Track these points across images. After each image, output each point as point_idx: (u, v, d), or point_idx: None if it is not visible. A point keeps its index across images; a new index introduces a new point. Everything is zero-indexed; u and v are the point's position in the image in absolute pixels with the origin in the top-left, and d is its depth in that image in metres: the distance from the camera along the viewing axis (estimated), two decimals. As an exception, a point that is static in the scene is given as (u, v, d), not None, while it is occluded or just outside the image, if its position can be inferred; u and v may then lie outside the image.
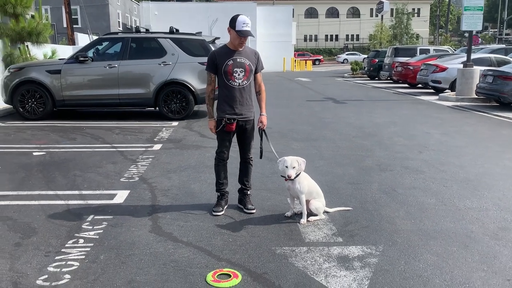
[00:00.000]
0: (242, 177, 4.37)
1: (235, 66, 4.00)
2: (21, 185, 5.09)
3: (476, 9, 13.70)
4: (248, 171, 4.37)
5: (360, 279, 3.01)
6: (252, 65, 4.09)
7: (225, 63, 3.99)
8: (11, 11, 12.17)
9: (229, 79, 4.02)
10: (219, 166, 4.27)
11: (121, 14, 40.42)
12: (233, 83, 4.04)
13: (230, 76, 4.01)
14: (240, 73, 4.03)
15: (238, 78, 4.03)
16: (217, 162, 4.27)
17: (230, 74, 4.01)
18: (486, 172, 5.60)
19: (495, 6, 69.95)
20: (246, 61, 4.05)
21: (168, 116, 9.58)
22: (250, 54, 4.11)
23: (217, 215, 4.12)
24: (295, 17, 57.88)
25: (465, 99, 13.44)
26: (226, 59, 4.00)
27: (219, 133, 4.17)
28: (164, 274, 3.07)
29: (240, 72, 4.02)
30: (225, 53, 4.03)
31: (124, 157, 6.36)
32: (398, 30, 41.77)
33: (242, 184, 4.37)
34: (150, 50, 9.74)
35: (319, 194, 4.17)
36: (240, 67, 4.02)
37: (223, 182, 4.29)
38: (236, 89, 4.06)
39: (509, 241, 3.61)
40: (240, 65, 4.01)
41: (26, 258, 3.30)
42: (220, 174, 4.28)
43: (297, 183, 3.97)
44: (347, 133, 8.26)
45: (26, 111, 9.47)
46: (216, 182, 4.31)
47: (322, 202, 4.16)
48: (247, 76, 4.07)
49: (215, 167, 4.30)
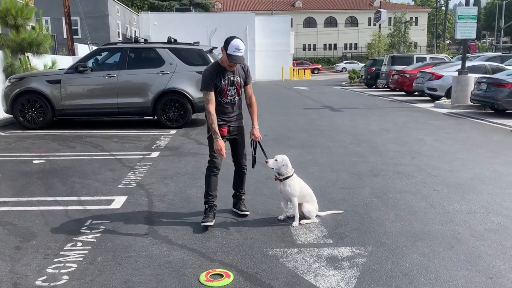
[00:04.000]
0: (236, 185, 4.45)
1: (229, 85, 4.07)
2: (21, 191, 5.21)
3: (470, 17, 13.90)
4: (243, 179, 4.45)
5: (348, 278, 3.13)
6: (242, 81, 4.17)
7: (221, 84, 4.03)
8: (11, 22, 12.37)
9: (223, 97, 4.08)
10: (211, 176, 4.15)
11: (121, 25, 40.76)
12: (226, 100, 4.11)
13: (223, 94, 4.08)
14: (232, 91, 4.12)
15: (231, 95, 4.12)
16: (209, 172, 4.16)
17: (224, 93, 4.07)
18: (476, 177, 5.72)
19: (492, 14, 70.50)
20: (237, 79, 4.12)
21: (166, 124, 9.73)
22: (240, 70, 4.15)
23: (207, 225, 4.00)
24: (294, 27, 58.37)
25: (461, 106, 13.60)
26: (221, 78, 4.03)
27: (211, 139, 4.10)
28: (159, 275, 3.18)
29: (232, 89, 4.11)
30: (221, 73, 4.03)
31: (122, 165, 6.49)
32: (396, 38, 42.11)
33: (237, 191, 4.46)
34: (148, 60, 9.91)
35: (312, 198, 4.27)
36: (233, 85, 4.10)
37: (213, 194, 4.16)
38: (228, 105, 4.14)
39: (494, 242, 3.73)
40: (233, 83, 4.09)
41: (26, 261, 3.41)
42: (210, 185, 4.15)
43: (288, 186, 4.10)
44: (342, 140, 8.40)
45: (26, 121, 9.62)
46: (206, 193, 4.18)
47: (314, 206, 4.26)
48: (238, 92, 4.17)
49: (207, 178, 4.17)
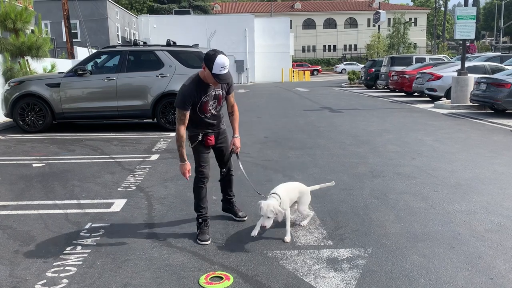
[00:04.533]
0: (225, 188, 4.30)
1: (210, 100, 3.77)
2: (21, 195, 5.21)
3: (469, 18, 13.92)
4: (231, 181, 4.29)
5: (348, 280, 3.12)
6: (224, 92, 3.87)
7: (201, 101, 3.71)
8: (11, 26, 12.40)
9: (204, 112, 3.79)
10: (201, 187, 3.87)
11: (120, 28, 40.83)
12: (207, 115, 3.83)
13: (205, 111, 3.79)
14: (213, 104, 3.82)
15: (212, 109, 3.84)
16: (198, 183, 3.88)
17: (205, 109, 3.78)
18: (476, 177, 5.71)
19: (491, 14, 70.58)
20: (220, 92, 3.81)
21: (166, 127, 9.73)
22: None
23: (205, 244, 3.73)
24: (293, 28, 58.42)
25: (460, 106, 13.60)
26: (202, 95, 3.70)
27: (196, 148, 3.87)
28: (159, 278, 3.17)
29: (213, 103, 3.82)
30: (202, 89, 3.70)
31: (122, 167, 6.48)
32: (395, 39, 42.12)
33: (226, 194, 4.31)
34: (147, 62, 9.92)
35: (302, 192, 4.12)
36: (215, 99, 3.81)
37: (205, 206, 3.92)
38: (208, 117, 3.86)
39: (495, 242, 3.72)
40: (214, 97, 3.80)
41: (26, 265, 3.41)
42: (201, 197, 3.89)
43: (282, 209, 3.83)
44: (342, 141, 8.39)
45: (26, 124, 9.62)
46: (197, 206, 3.92)
47: (308, 200, 4.15)
48: (219, 103, 3.88)
49: (196, 189, 3.89)
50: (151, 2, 54.35)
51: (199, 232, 3.88)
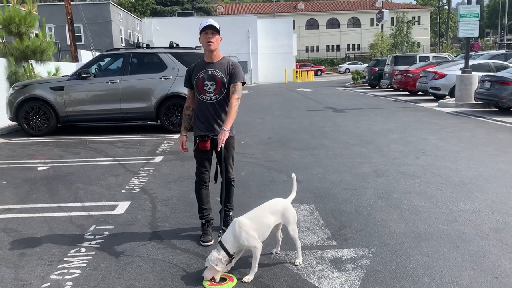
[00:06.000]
0: (224, 199, 3.90)
1: (205, 79, 3.71)
2: (25, 198, 5.23)
3: (472, 16, 13.87)
4: (230, 192, 3.98)
5: (351, 280, 3.11)
6: (224, 78, 3.72)
7: (196, 77, 3.75)
8: (15, 30, 12.46)
9: (200, 93, 3.75)
10: (200, 190, 3.87)
11: (124, 31, 40.96)
12: (204, 98, 3.74)
13: (201, 90, 3.74)
14: (211, 87, 3.71)
15: (209, 92, 3.72)
16: (197, 186, 3.88)
17: (201, 88, 3.73)
18: (480, 176, 5.69)
19: (495, 12, 70.25)
20: (217, 73, 3.71)
21: (170, 129, 9.75)
22: (225, 66, 3.74)
23: (207, 245, 3.69)
24: (296, 29, 58.49)
25: (465, 105, 13.55)
26: (198, 72, 3.75)
27: (196, 152, 3.83)
28: (163, 279, 3.18)
29: (211, 85, 3.71)
30: (199, 67, 3.78)
31: (126, 170, 6.50)
32: (399, 38, 42.03)
33: (224, 205, 3.93)
34: (151, 65, 9.95)
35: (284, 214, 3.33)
36: (211, 79, 3.71)
37: (207, 207, 3.90)
38: (207, 104, 3.74)
39: (500, 241, 3.70)
40: (211, 77, 3.71)
41: (30, 267, 3.42)
42: (202, 199, 3.89)
43: (243, 235, 3.17)
44: (346, 141, 8.38)
45: (30, 128, 9.68)
46: (199, 208, 3.93)
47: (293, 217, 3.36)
48: (218, 89, 3.72)
49: (197, 192, 3.89)
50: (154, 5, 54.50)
51: (202, 233, 3.89)
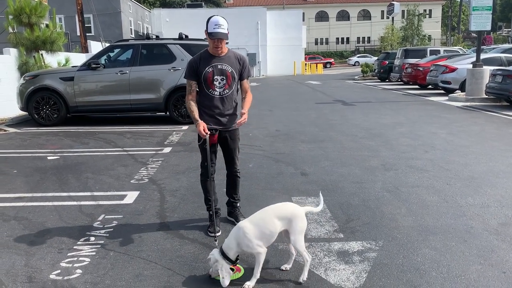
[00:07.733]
0: (230, 191, 4.11)
1: (215, 74, 3.68)
2: (36, 187, 5.30)
3: (485, 9, 13.68)
4: (236, 184, 4.07)
5: (358, 272, 3.12)
6: (235, 72, 3.74)
7: (205, 70, 3.67)
8: (26, 21, 12.53)
9: (209, 87, 3.70)
10: (206, 182, 3.87)
11: (133, 22, 41.01)
12: (214, 92, 3.71)
13: (210, 85, 3.70)
14: (221, 81, 3.70)
15: (219, 86, 3.71)
16: (203, 178, 3.89)
17: (210, 83, 3.69)
18: (490, 170, 5.65)
19: (508, 5, 69.22)
20: (228, 68, 3.70)
21: (178, 120, 9.78)
22: (234, 60, 3.75)
23: (215, 236, 3.58)
24: (306, 21, 58.04)
25: (475, 99, 13.41)
26: (206, 65, 3.67)
27: (201, 146, 3.80)
28: (171, 269, 3.21)
29: (221, 80, 3.70)
30: (205, 59, 3.70)
31: (135, 160, 6.54)
32: (409, 31, 41.57)
33: (230, 197, 4.11)
34: (160, 56, 9.97)
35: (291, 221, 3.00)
36: (221, 74, 3.69)
37: (213, 199, 3.85)
38: (216, 99, 3.73)
39: (508, 236, 3.68)
40: (221, 72, 3.69)
41: (40, 255, 3.47)
42: (208, 190, 3.87)
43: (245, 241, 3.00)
44: (354, 134, 8.35)
45: (41, 118, 9.76)
46: (205, 199, 3.95)
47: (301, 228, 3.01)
48: (229, 84, 3.73)
49: (202, 184, 3.91)
50: (163, -4, 54.45)
51: (209, 224, 3.92)
